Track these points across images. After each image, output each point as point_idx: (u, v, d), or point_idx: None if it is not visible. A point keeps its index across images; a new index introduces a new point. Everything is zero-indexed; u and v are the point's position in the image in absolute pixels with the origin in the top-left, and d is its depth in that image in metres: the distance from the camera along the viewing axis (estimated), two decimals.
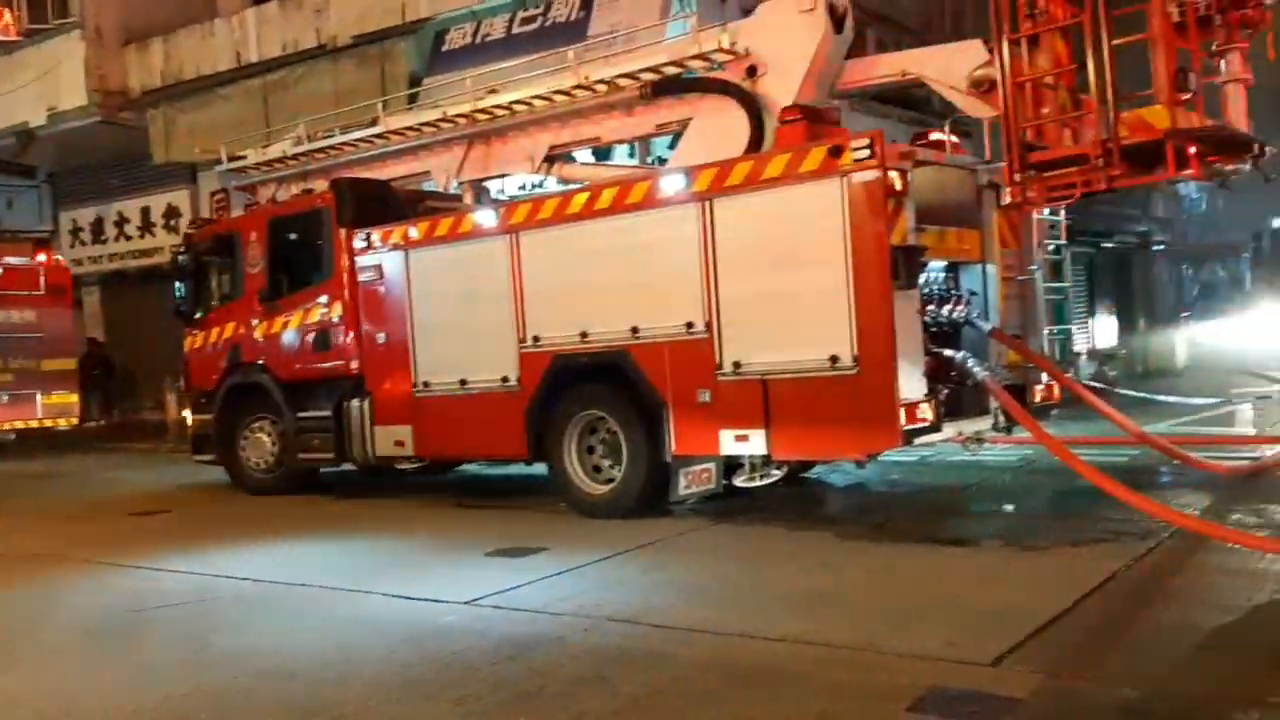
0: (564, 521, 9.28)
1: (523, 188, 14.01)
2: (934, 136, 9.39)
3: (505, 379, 9.89)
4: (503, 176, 12.03)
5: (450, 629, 6.09)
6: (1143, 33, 7.15)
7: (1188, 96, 7.21)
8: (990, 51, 8.00)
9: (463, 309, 10.25)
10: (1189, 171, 7.46)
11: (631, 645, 5.57)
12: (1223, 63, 7.48)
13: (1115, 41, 7.13)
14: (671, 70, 9.61)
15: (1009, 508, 9.28)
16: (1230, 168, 7.99)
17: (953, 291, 9.00)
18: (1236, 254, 40.46)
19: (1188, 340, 23.31)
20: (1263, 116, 8.26)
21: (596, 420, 9.44)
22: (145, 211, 22.77)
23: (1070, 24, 7.69)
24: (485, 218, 10.18)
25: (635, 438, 9.01)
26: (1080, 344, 17.78)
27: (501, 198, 12.49)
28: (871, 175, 7.60)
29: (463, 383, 10.25)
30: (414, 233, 10.63)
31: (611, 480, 9.31)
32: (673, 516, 8.98)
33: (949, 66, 8.82)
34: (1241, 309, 34.65)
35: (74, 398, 19.71)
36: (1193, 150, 7.28)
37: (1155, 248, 23.85)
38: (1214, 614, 5.61)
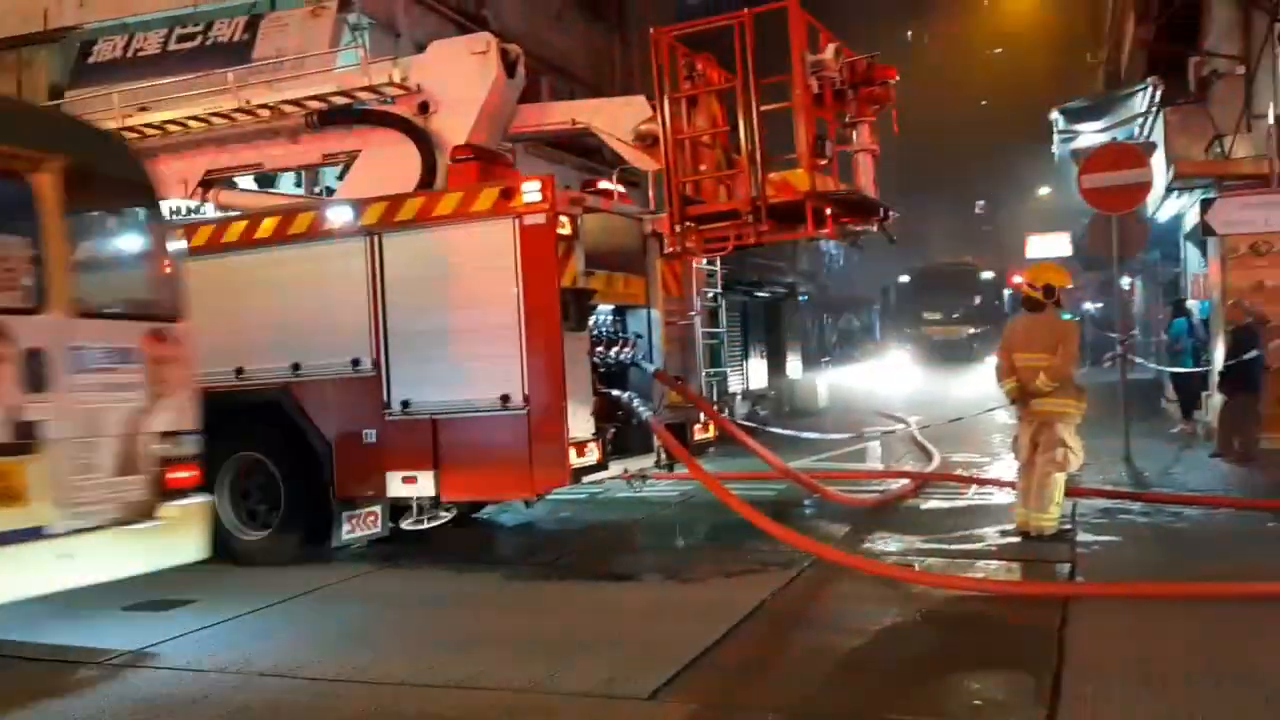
0: (217, 571, 8.61)
1: (175, 212, 13.08)
2: (603, 185, 9.71)
3: None
4: None
5: (82, 690, 5.50)
6: (787, 102, 7.77)
7: (825, 162, 7.90)
8: (654, 108, 8.40)
9: None
10: (826, 231, 8.17)
11: (283, 700, 5.26)
12: (854, 134, 8.27)
13: (763, 108, 7.72)
14: (340, 100, 9.34)
15: (673, 542, 9.66)
16: (860, 229, 8.84)
17: (620, 334, 9.32)
18: (869, 306, 44.92)
19: (828, 382, 25.46)
20: (887, 184, 9.22)
21: (253, 462, 8.92)
22: None
23: (725, 88, 8.24)
24: None
25: (295, 481, 8.60)
26: (735, 385, 18.93)
27: None
28: (542, 218, 7.75)
29: None
30: None
31: (269, 526, 8.82)
32: (336, 562, 8.62)
33: (617, 119, 9.18)
34: (872, 354, 38.47)
35: None
36: (829, 212, 7.99)
37: (801, 298, 25.96)
38: (847, 637, 6.10)
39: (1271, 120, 10.88)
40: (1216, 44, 13.53)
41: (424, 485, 8.14)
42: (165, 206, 12.07)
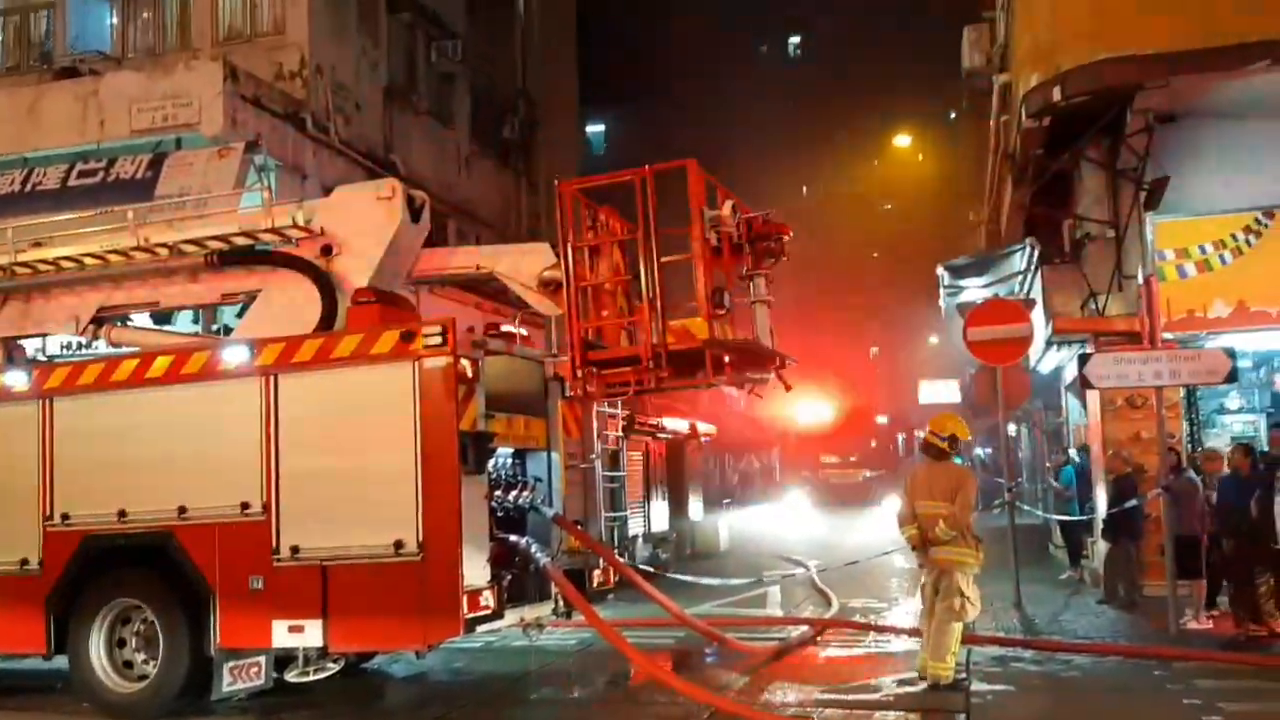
0: None
1: (67, 347, 12.75)
2: (505, 328, 9.77)
3: (24, 562, 8.77)
4: (43, 336, 10.89)
5: None
6: (686, 253, 8.01)
7: (723, 312, 8.12)
8: (558, 255, 8.56)
9: None
10: (724, 378, 8.34)
11: None
12: (751, 285, 8.54)
13: (663, 259, 7.94)
14: (242, 241, 9.32)
15: (570, 694, 9.42)
16: (758, 376, 9.04)
17: (520, 477, 9.26)
18: (769, 448, 45.49)
19: (729, 523, 25.48)
20: (784, 331, 9.47)
21: (131, 609, 8.53)
22: None
23: (626, 239, 8.47)
24: (14, 380, 9.16)
25: (175, 629, 8.23)
26: (636, 527, 18.81)
27: (40, 358, 11.27)
28: (443, 361, 7.75)
29: None
30: None
31: (145, 677, 8.38)
32: (215, 716, 8.19)
33: (520, 265, 9.32)
34: (773, 496, 38.76)
35: None
36: (727, 359, 8.16)
37: (703, 439, 26.12)
38: None
39: (1140, 281, 11.56)
40: (1088, 209, 14.40)
41: (311, 635, 7.85)
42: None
